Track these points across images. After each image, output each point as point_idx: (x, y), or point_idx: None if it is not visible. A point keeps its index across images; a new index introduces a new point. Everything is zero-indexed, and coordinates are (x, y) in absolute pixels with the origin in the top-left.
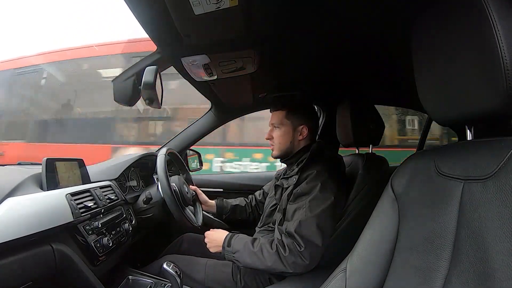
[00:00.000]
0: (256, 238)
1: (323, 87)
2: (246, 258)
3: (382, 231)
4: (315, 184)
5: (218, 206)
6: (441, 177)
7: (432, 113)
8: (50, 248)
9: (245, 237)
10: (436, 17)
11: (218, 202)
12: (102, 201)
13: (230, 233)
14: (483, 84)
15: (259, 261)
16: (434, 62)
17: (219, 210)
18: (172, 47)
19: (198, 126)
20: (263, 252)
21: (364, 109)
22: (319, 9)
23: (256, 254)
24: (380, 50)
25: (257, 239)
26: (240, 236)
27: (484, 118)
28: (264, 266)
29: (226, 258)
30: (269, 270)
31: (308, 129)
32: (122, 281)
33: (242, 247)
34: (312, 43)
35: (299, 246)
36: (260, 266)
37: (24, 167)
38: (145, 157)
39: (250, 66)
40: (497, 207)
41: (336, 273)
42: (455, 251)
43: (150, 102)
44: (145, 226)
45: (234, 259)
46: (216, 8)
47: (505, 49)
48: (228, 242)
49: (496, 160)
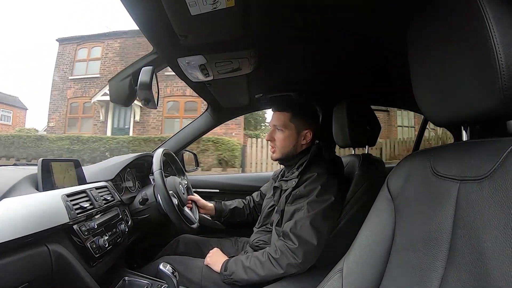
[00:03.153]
0: (249, 254)
1: (320, 88)
2: (242, 275)
3: (378, 232)
4: (315, 186)
5: (216, 209)
6: (437, 177)
7: (428, 114)
8: (46, 249)
9: (240, 257)
10: (432, 18)
11: (217, 205)
12: (98, 202)
13: (226, 258)
14: (479, 85)
15: (254, 273)
16: (430, 63)
17: (217, 213)
18: (169, 47)
19: (194, 126)
20: (256, 264)
21: (361, 110)
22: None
23: (250, 268)
24: (376, 51)
25: (250, 255)
26: (235, 258)
27: (480, 118)
28: (259, 277)
29: (226, 283)
30: (266, 279)
31: (312, 133)
32: (119, 282)
33: (236, 266)
34: (308, 44)
35: (292, 244)
36: (257, 278)
37: (20, 168)
38: (141, 157)
39: (246, 66)
40: (492, 207)
41: (333, 274)
42: (451, 251)
43: (146, 102)
44: (141, 227)
45: (233, 281)
46: (213, 9)
47: (500, 50)
48: (225, 267)
49: (491, 160)
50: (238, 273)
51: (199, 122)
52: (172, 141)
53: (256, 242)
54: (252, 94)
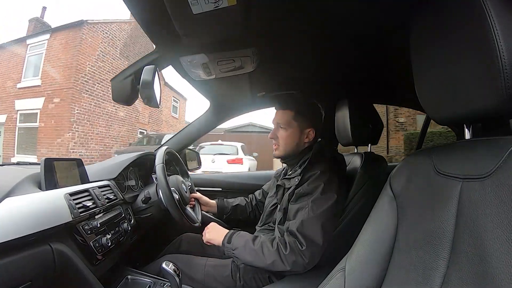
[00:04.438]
0: (257, 236)
1: (322, 86)
2: (246, 256)
3: (380, 230)
4: (318, 184)
5: (219, 206)
6: (440, 176)
7: (431, 112)
8: (49, 248)
9: (246, 235)
10: (434, 16)
11: (219, 202)
12: (101, 200)
13: (231, 230)
14: (482, 83)
15: (259, 259)
16: (433, 61)
17: (220, 210)
18: (171, 46)
19: (196, 125)
20: (263, 250)
21: (363, 108)
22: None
23: (256, 251)
24: (378, 49)
25: (258, 237)
26: (241, 234)
27: (483, 117)
28: (264, 264)
29: (226, 254)
30: (269, 268)
31: (315, 132)
32: (121, 280)
33: (242, 244)
34: (310, 42)
35: (301, 245)
36: (260, 264)
37: (23, 167)
38: (144, 156)
39: (249, 65)
40: (495, 206)
41: (335, 272)
42: (453, 250)
43: (148, 101)
44: (144, 226)
45: (234, 255)
46: (215, 8)
47: (503, 49)
48: (229, 239)
49: (494, 159)
50: (242, 252)
51: (201, 120)
52: (174, 140)
53: None
54: (254, 93)
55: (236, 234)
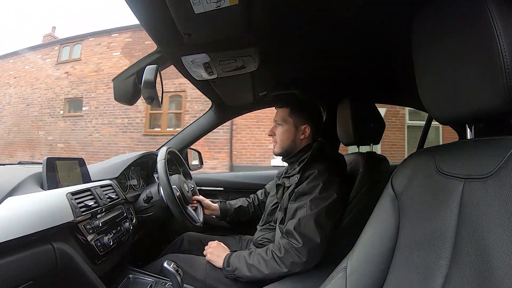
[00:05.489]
0: (252, 251)
1: (323, 85)
2: (245, 272)
3: (382, 230)
4: (317, 183)
5: (221, 209)
6: (442, 176)
7: (433, 112)
8: (51, 247)
9: (242, 253)
10: (436, 15)
11: (222, 205)
12: (103, 200)
13: (229, 252)
14: (484, 82)
15: (258, 271)
16: (435, 60)
17: (223, 213)
18: (172, 46)
19: (198, 125)
20: (259, 261)
21: (365, 108)
22: (319, 7)
23: (253, 265)
24: (380, 48)
25: (253, 251)
26: (236, 253)
27: (485, 117)
28: (263, 275)
29: (229, 278)
30: (269, 277)
31: (311, 129)
32: (123, 280)
33: (239, 263)
34: (312, 41)
35: (297, 243)
36: (260, 276)
37: (25, 167)
38: (146, 156)
39: (251, 64)
40: (497, 206)
41: (337, 272)
42: (455, 249)
43: (150, 101)
44: (145, 225)
45: (236, 276)
46: (217, 7)
47: (505, 48)
48: (227, 262)
49: (496, 159)
50: (241, 270)
51: (203, 120)
52: (176, 140)
53: (260, 240)
54: (256, 92)
55: (232, 255)
